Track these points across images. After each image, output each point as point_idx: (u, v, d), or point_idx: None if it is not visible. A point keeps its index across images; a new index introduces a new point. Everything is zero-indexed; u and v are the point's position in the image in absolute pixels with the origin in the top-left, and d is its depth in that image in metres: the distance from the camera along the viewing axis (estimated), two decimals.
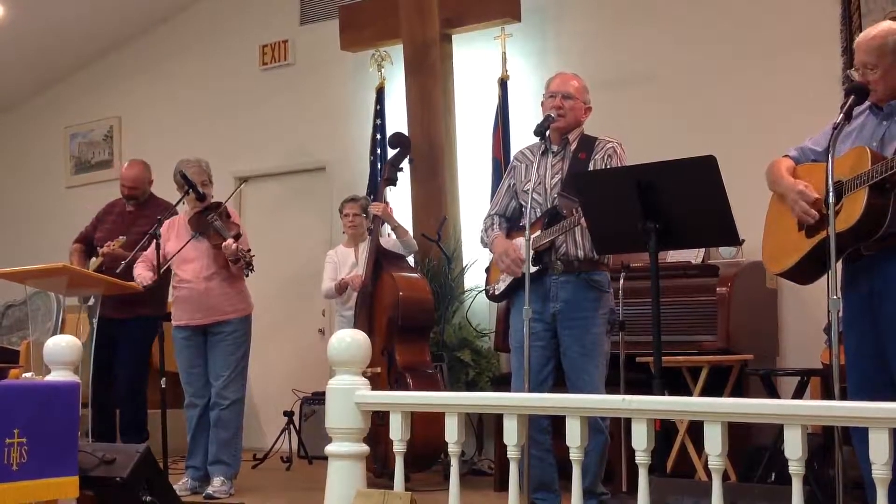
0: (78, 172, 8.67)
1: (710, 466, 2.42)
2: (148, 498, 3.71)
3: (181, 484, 4.81)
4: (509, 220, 4.08)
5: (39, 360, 4.20)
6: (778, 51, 5.47)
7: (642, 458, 2.50)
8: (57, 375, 3.62)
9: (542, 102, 3.99)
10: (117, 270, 4.80)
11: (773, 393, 4.56)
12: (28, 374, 4.43)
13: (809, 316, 4.97)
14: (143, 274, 4.90)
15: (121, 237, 5.30)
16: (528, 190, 3.84)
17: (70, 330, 5.51)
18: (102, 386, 5.54)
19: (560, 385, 3.88)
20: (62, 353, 3.63)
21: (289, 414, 6.37)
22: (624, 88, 5.81)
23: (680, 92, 5.78)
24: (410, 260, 5.67)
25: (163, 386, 4.62)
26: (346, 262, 5.72)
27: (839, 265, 2.94)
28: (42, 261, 5.25)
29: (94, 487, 3.64)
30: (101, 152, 8.60)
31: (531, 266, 3.64)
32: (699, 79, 5.73)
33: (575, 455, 2.64)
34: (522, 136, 4.27)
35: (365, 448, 3.03)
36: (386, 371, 5.06)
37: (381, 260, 5.30)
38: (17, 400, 3.17)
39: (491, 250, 4.08)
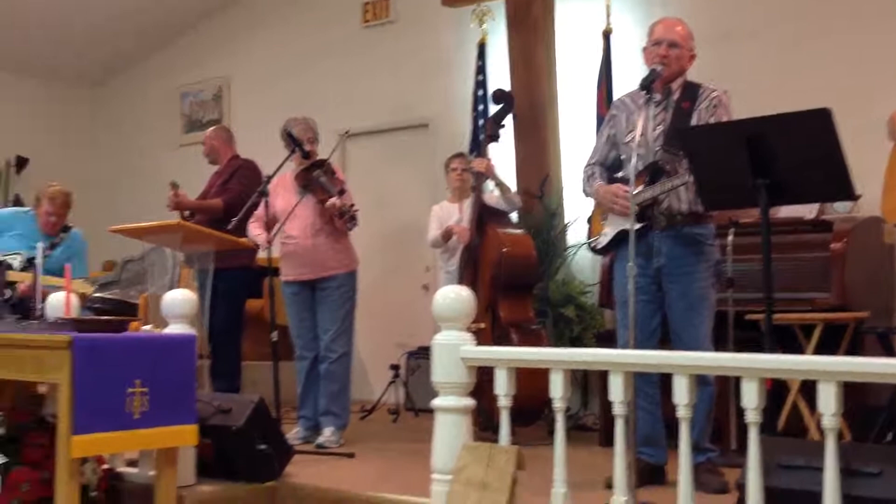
0: (190, 131, 8.92)
1: (823, 426, 2.37)
2: (262, 446, 3.84)
3: (293, 433, 4.95)
4: (609, 170, 4.04)
5: (157, 313, 4.37)
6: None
7: (752, 416, 2.47)
8: (174, 328, 3.76)
9: (645, 49, 3.91)
10: (229, 227, 4.93)
11: (891, 351, 4.42)
12: (147, 327, 4.61)
13: None
14: (262, 235, 5.02)
15: (174, 183, 5.60)
16: (630, 141, 3.78)
17: (185, 284, 5.72)
18: None
19: (667, 340, 3.85)
20: (179, 307, 3.77)
21: (395, 367, 6.49)
22: (731, 41, 5.63)
23: (790, 44, 5.57)
24: (513, 216, 5.66)
25: (274, 339, 4.73)
26: (450, 218, 5.75)
27: None
28: (157, 218, 5.44)
29: (212, 435, 3.79)
30: (211, 111, 8.82)
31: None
32: (810, 30, 5.51)
33: (682, 412, 2.62)
34: (627, 91, 4.19)
35: (471, 402, 3.07)
36: (490, 326, 5.09)
37: (485, 216, 5.31)
38: (137, 351, 3.31)
39: (595, 198, 4.05)
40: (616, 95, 5.86)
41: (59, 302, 3.89)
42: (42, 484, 3.40)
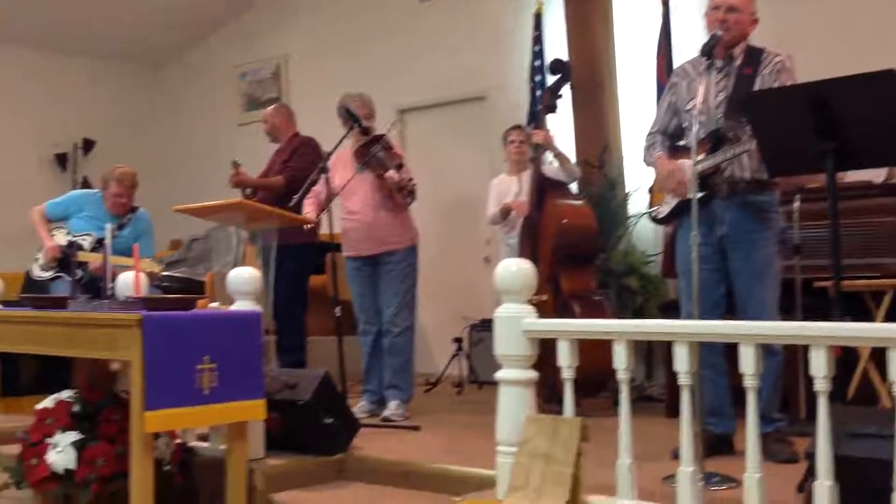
0: (249, 110, 9.01)
1: (894, 394, 2.33)
2: (329, 420, 3.89)
3: (359, 407, 5.01)
4: (671, 138, 3.99)
5: (223, 291, 4.44)
6: None
7: (821, 384, 2.44)
8: (240, 305, 3.81)
9: (706, 14, 3.84)
10: (290, 204, 4.98)
11: None
12: (214, 304, 4.68)
13: None
14: (311, 212, 5.07)
15: (235, 162, 5.69)
16: (691, 109, 3.73)
17: (249, 261, 5.80)
18: None
19: (733, 309, 3.81)
20: (244, 284, 3.81)
21: (458, 340, 6.52)
22: (792, 3, 5.50)
23: (852, 4, 5.42)
24: (573, 187, 5.63)
25: (337, 314, 4.78)
26: (509, 191, 5.74)
27: None
28: (220, 196, 5.52)
29: (280, 410, 3.85)
30: (269, 90, 8.89)
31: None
32: None
33: (749, 382, 2.60)
34: (687, 57, 4.13)
35: (534, 374, 3.07)
36: (552, 298, 5.08)
37: (544, 188, 5.28)
38: (205, 329, 3.37)
39: (654, 170, 4.01)
40: (676, 62, 5.78)
41: (128, 281, 3.97)
42: (117, 458, 3.49)
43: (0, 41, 8.87)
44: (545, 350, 3.15)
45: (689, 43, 5.66)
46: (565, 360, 2.98)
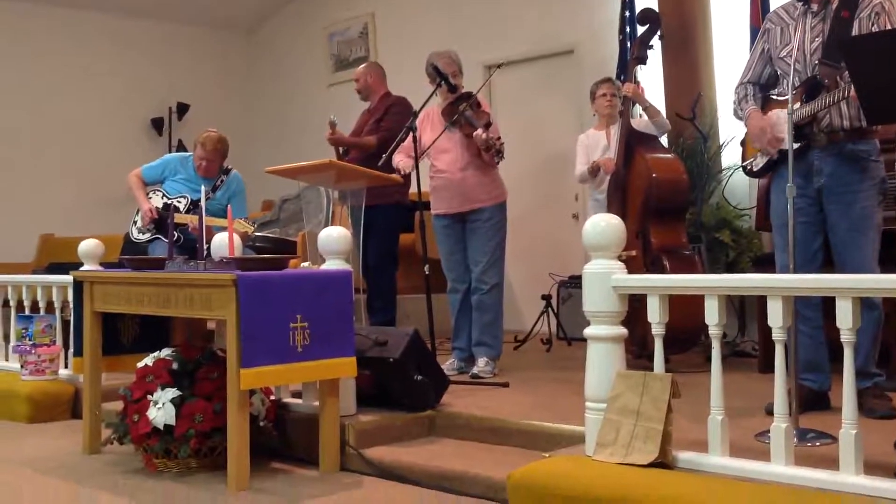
0: (338, 70, 9.07)
1: None
2: (419, 377, 3.94)
3: (448, 364, 5.04)
4: (763, 88, 3.87)
5: (314, 250, 4.51)
6: None
7: None
8: (331, 264, 3.87)
9: None
10: (379, 164, 5.02)
11: None
12: (305, 264, 4.76)
13: None
14: (404, 161, 5.09)
15: (332, 122, 5.75)
16: (786, 56, 3.61)
17: (340, 221, 5.87)
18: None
19: (830, 263, 3.70)
20: (335, 244, 3.86)
21: (546, 297, 6.50)
22: None
23: None
24: (664, 140, 5.52)
25: (426, 272, 4.81)
26: (597, 146, 5.67)
27: None
28: (312, 157, 5.59)
29: (370, 367, 3.91)
30: (357, 49, 8.92)
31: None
32: None
33: (846, 337, 2.53)
34: (782, 2, 3.98)
35: (623, 331, 3.04)
36: (642, 254, 5.01)
37: (633, 142, 5.19)
38: (297, 288, 3.44)
39: (745, 124, 3.90)
40: (772, 6, 5.59)
41: (223, 242, 4.07)
42: (215, 414, 3.60)
43: (95, 9, 9.11)
44: (635, 306, 3.12)
45: None
46: (655, 315, 2.95)
